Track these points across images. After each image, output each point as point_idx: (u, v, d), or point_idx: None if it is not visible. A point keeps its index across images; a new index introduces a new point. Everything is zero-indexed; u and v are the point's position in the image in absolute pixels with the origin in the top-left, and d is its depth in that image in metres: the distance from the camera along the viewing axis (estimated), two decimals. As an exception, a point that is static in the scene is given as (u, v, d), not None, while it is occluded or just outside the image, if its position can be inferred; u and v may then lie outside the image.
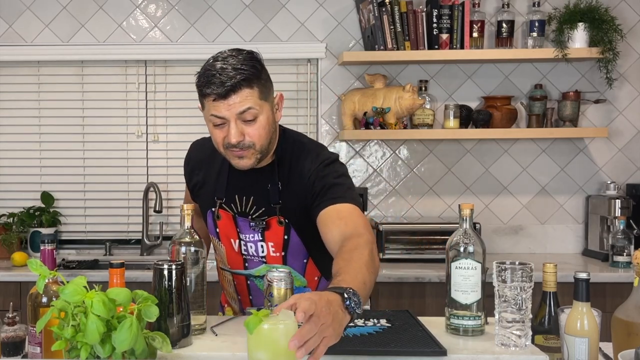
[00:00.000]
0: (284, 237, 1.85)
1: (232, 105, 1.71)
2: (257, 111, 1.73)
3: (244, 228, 1.86)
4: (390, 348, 1.54)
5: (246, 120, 1.73)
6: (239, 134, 1.73)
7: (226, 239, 1.90)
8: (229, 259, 1.92)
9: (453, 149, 3.63)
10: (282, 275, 1.67)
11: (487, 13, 3.55)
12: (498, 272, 1.57)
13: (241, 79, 1.71)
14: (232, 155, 1.78)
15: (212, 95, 1.73)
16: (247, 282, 1.91)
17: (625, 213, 3.35)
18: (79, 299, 1.34)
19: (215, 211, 1.88)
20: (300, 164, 1.84)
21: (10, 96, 3.70)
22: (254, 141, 1.74)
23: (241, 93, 1.71)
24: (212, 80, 1.73)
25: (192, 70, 3.61)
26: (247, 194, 1.86)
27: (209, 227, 1.93)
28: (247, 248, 1.87)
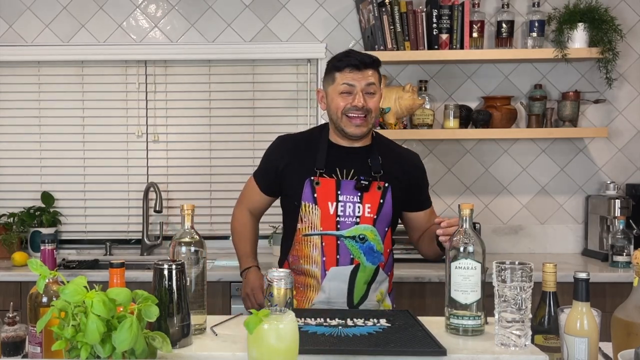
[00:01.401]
0: (380, 201, 2.21)
1: (364, 77, 2.18)
2: (377, 88, 2.21)
3: (346, 190, 2.20)
4: (390, 348, 1.54)
5: (369, 92, 2.19)
6: (363, 100, 2.18)
7: (324, 202, 2.20)
8: (323, 221, 2.20)
9: (453, 149, 3.63)
10: (282, 275, 1.68)
11: (487, 13, 3.55)
12: (498, 272, 1.57)
13: (372, 60, 2.21)
14: (350, 122, 2.20)
15: (350, 67, 2.18)
16: (337, 242, 2.19)
17: (625, 213, 3.35)
18: (79, 299, 1.34)
19: (314, 179, 2.21)
20: (400, 148, 2.39)
21: (10, 96, 3.70)
22: (372, 109, 2.20)
23: (370, 71, 2.19)
24: (351, 56, 2.20)
25: (192, 71, 3.67)
26: (348, 167, 2.24)
27: (304, 195, 2.21)
28: (345, 208, 2.19)
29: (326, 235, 2.19)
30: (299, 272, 2.24)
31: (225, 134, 3.69)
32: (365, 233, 2.18)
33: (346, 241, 2.17)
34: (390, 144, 2.37)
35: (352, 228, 2.17)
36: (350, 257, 2.17)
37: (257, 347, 1.33)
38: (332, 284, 2.18)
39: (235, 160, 3.68)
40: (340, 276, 2.17)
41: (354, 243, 2.17)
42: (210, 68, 3.68)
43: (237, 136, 3.69)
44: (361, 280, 2.18)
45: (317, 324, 1.73)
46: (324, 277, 2.18)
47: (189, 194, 3.67)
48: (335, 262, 2.18)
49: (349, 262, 2.17)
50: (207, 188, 3.70)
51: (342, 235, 2.17)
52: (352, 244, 2.17)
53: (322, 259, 2.19)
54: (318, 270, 2.20)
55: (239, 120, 3.69)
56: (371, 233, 2.18)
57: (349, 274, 2.17)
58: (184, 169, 3.71)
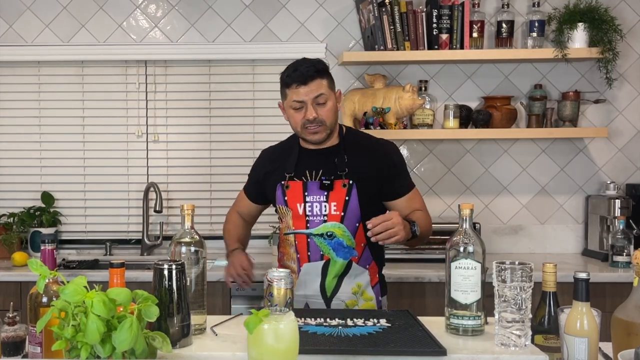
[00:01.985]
0: (345, 198, 2.29)
1: (310, 91, 2.24)
2: (326, 96, 2.27)
3: (313, 190, 2.30)
4: (390, 348, 1.54)
5: (319, 103, 2.26)
6: (314, 112, 2.25)
7: (293, 203, 2.31)
8: (294, 221, 2.32)
9: (453, 149, 3.63)
10: (282, 275, 1.68)
11: (487, 13, 3.55)
12: (498, 272, 1.57)
13: (315, 71, 2.26)
14: (308, 132, 2.29)
15: (294, 84, 2.25)
16: (307, 240, 2.30)
17: (625, 213, 3.35)
18: (79, 299, 1.34)
19: (284, 183, 2.33)
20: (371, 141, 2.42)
21: (10, 96, 3.70)
22: (324, 119, 2.27)
23: (315, 82, 2.25)
24: (294, 74, 2.26)
25: (192, 71, 3.67)
26: (317, 168, 2.33)
27: (278, 198, 2.34)
28: (312, 208, 2.30)
29: (298, 234, 2.32)
30: (285, 268, 2.34)
31: (225, 134, 3.69)
32: (333, 230, 2.28)
33: (315, 239, 2.29)
34: (362, 138, 2.44)
35: (320, 226, 2.28)
36: (320, 254, 2.29)
37: (256, 347, 1.34)
38: (306, 278, 2.31)
39: (235, 161, 3.67)
40: (312, 271, 2.30)
41: (322, 240, 2.28)
42: (210, 68, 3.68)
43: (237, 136, 3.69)
44: (331, 274, 2.29)
45: (317, 324, 1.73)
46: (299, 272, 2.32)
47: (189, 194, 3.67)
48: (307, 258, 2.31)
49: (319, 257, 2.29)
50: (207, 188, 3.70)
51: (311, 233, 2.29)
52: (320, 241, 2.28)
53: (296, 256, 2.33)
54: (295, 266, 2.34)
55: (239, 120, 3.69)
56: (339, 230, 2.27)
57: (320, 269, 2.29)
58: (184, 169, 3.71)
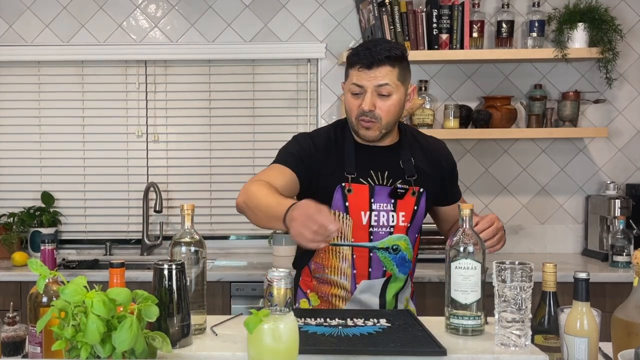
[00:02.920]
0: (414, 208, 2.05)
1: (374, 77, 1.93)
2: (392, 89, 1.95)
3: (380, 197, 2.01)
4: (390, 348, 1.54)
5: (381, 94, 1.94)
6: (372, 103, 1.94)
7: (356, 212, 2.01)
8: (355, 232, 2.01)
9: (453, 149, 3.57)
10: (282, 275, 1.68)
11: (487, 13, 3.55)
12: (498, 272, 1.57)
13: (386, 55, 1.92)
14: (361, 124, 1.98)
15: (358, 65, 1.94)
16: (369, 254, 2.03)
17: (625, 213, 3.35)
18: (79, 299, 1.34)
19: (346, 186, 2.00)
20: (430, 141, 2.18)
21: (10, 96, 3.70)
22: (382, 116, 1.96)
23: (383, 68, 1.93)
24: (363, 53, 1.94)
25: (192, 71, 3.67)
26: (382, 169, 2.04)
27: (335, 203, 2.00)
28: (379, 218, 2.01)
29: (358, 247, 2.02)
30: (323, 281, 2.09)
31: (225, 134, 3.69)
32: (399, 243, 2.03)
33: (379, 253, 2.02)
34: (418, 136, 2.17)
35: (385, 239, 2.02)
36: (382, 270, 2.03)
37: (256, 347, 1.33)
38: (364, 296, 2.04)
39: (235, 160, 3.68)
40: (372, 289, 2.04)
41: (387, 254, 2.02)
42: (210, 68, 3.68)
43: (237, 136, 3.69)
44: (392, 292, 2.07)
45: (317, 324, 1.73)
46: (355, 289, 2.04)
47: (189, 194, 3.67)
48: (367, 274, 2.03)
49: (382, 274, 2.04)
50: (207, 188, 3.70)
51: (376, 246, 2.02)
52: (385, 256, 2.02)
53: (352, 272, 2.03)
54: (348, 283, 2.04)
55: (239, 120, 3.69)
56: (404, 243, 2.04)
57: (380, 286, 2.04)
58: (184, 169, 3.71)
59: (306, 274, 2.14)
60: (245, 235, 3.70)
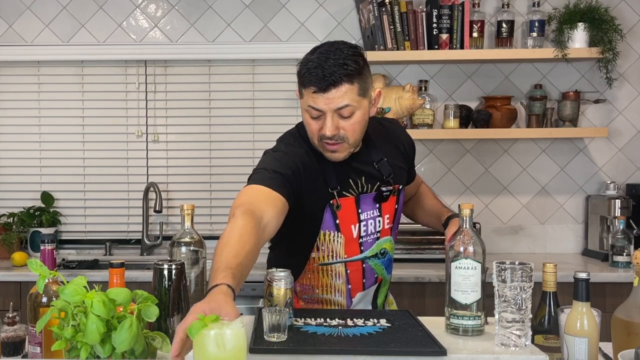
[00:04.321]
0: (395, 207, 1.97)
1: (331, 100, 1.73)
2: (354, 107, 1.76)
3: (366, 205, 1.90)
4: (390, 348, 1.54)
5: (343, 116, 1.76)
6: (334, 127, 1.76)
7: (347, 227, 1.89)
8: (347, 248, 1.91)
9: (453, 149, 3.63)
10: (282, 275, 1.68)
11: (487, 13, 3.55)
12: (498, 272, 1.57)
13: (343, 74, 1.72)
14: (325, 147, 1.81)
15: (312, 87, 1.74)
16: (362, 265, 1.94)
17: (625, 213, 3.35)
18: (79, 299, 1.34)
19: (334, 203, 1.86)
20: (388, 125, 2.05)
21: (10, 96, 3.70)
22: (348, 136, 1.79)
23: (341, 88, 1.73)
24: (315, 72, 1.74)
25: (192, 71, 3.66)
26: (359, 175, 1.91)
27: (325, 223, 1.86)
28: (367, 227, 1.92)
29: (350, 261, 1.92)
30: (313, 301, 1.98)
31: (225, 134, 3.69)
32: (385, 246, 1.97)
33: (370, 261, 1.95)
34: (376, 125, 2.00)
35: (373, 246, 1.94)
36: (374, 277, 1.97)
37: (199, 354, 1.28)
38: (358, 307, 1.98)
39: (235, 160, 3.68)
40: (364, 298, 1.99)
41: (377, 261, 1.95)
42: (210, 68, 3.68)
43: (237, 136, 3.68)
44: (382, 295, 2.04)
45: (317, 324, 1.72)
46: (350, 304, 1.96)
47: (189, 194, 3.67)
48: (361, 286, 1.96)
49: (374, 281, 1.97)
50: (207, 188, 3.70)
51: (366, 256, 1.94)
52: (375, 263, 1.96)
53: (347, 287, 1.94)
54: (343, 299, 1.95)
55: (239, 120, 3.69)
56: (389, 244, 1.99)
57: (372, 293, 2.00)
58: (184, 169, 3.71)
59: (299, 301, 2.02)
60: (245, 235, 3.69)
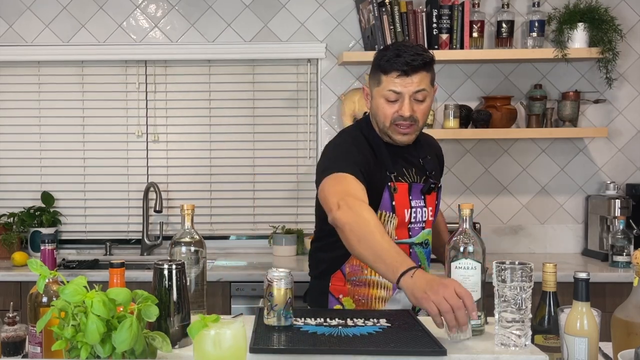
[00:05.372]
0: (436, 202, 2.13)
1: (411, 84, 1.95)
2: (427, 93, 2.00)
3: (415, 194, 2.05)
4: (390, 348, 1.54)
5: (417, 99, 1.98)
6: (411, 109, 1.97)
7: (401, 210, 2.03)
8: (398, 231, 2.04)
9: (453, 149, 3.63)
10: (282, 275, 1.68)
11: (487, 13, 3.55)
12: (498, 272, 1.57)
13: (422, 61, 1.95)
14: (397, 130, 2.00)
15: (395, 72, 1.95)
16: (410, 250, 2.05)
17: (625, 213, 3.35)
18: (79, 299, 1.34)
19: (392, 185, 2.01)
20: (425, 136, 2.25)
21: (10, 96, 3.70)
22: (419, 119, 2.00)
23: (419, 74, 1.96)
24: (397, 60, 1.94)
25: (192, 71, 3.67)
26: (410, 167, 2.09)
27: (383, 203, 2.00)
28: (417, 214, 2.06)
29: (400, 243, 1.97)
30: (360, 284, 2.06)
31: (225, 134, 3.69)
32: (429, 237, 2.11)
33: (416, 248, 2.06)
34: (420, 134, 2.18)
35: (420, 234, 2.07)
36: (419, 265, 1.96)
37: (198, 353, 1.31)
38: (402, 294, 1.95)
39: (235, 160, 3.68)
40: None
41: (421, 249, 2.07)
42: (210, 68, 3.68)
43: (237, 136, 3.68)
44: None
45: (317, 324, 1.73)
46: (396, 288, 2.00)
47: (189, 194, 3.67)
48: None
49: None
50: (207, 188, 3.70)
51: (414, 242, 2.06)
52: (420, 251, 2.07)
53: None
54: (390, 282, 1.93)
55: (239, 120, 3.69)
56: (430, 237, 2.12)
57: None
58: (184, 169, 3.71)
59: (338, 279, 2.09)
60: (245, 235, 3.70)
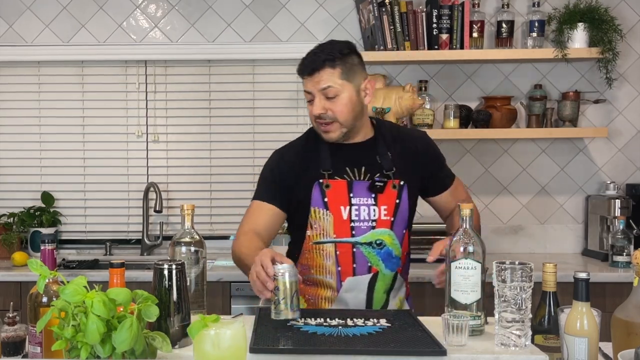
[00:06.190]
0: (396, 201, 2.06)
1: (316, 82, 2.00)
2: (337, 89, 2.00)
3: (359, 191, 2.04)
4: (390, 348, 1.54)
5: (328, 96, 2.00)
6: (320, 107, 2.00)
7: (335, 206, 2.04)
8: (336, 227, 2.03)
9: (453, 149, 3.62)
10: (286, 268, 1.68)
11: (487, 13, 3.55)
12: (498, 272, 1.57)
13: (323, 59, 2.00)
14: (320, 128, 2.04)
15: (302, 73, 2.04)
16: (352, 249, 2.04)
17: (625, 213, 3.35)
18: (79, 299, 1.34)
19: (323, 182, 2.04)
20: (404, 132, 2.23)
21: (10, 96, 3.70)
22: (337, 116, 2.00)
23: (323, 72, 2.00)
24: (304, 61, 2.05)
25: (192, 71, 3.67)
26: (358, 165, 2.07)
27: (314, 199, 2.04)
28: (359, 212, 2.03)
29: (340, 242, 2.02)
30: (310, 283, 2.09)
31: (225, 134, 3.69)
32: (383, 238, 2.03)
33: (362, 248, 2.03)
34: (394, 129, 2.19)
35: (368, 233, 2.02)
36: (367, 265, 2.03)
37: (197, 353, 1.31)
38: (350, 295, 2.03)
39: (235, 160, 3.68)
40: (358, 286, 2.03)
41: (370, 250, 2.02)
42: (210, 68, 3.68)
43: (237, 136, 3.68)
44: (380, 289, 2.05)
45: (317, 324, 1.73)
46: (340, 288, 2.03)
47: (189, 194, 3.67)
48: (351, 271, 2.03)
49: (367, 270, 2.02)
50: (207, 188, 3.70)
51: (358, 242, 2.02)
52: (368, 251, 2.03)
53: (337, 269, 2.03)
54: (333, 281, 2.04)
55: (239, 120, 3.69)
56: (389, 237, 2.04)
57: (367, 283, 2.03)
58: (184, 169, 3.71)
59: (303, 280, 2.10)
60: (245, 235, 3.69)
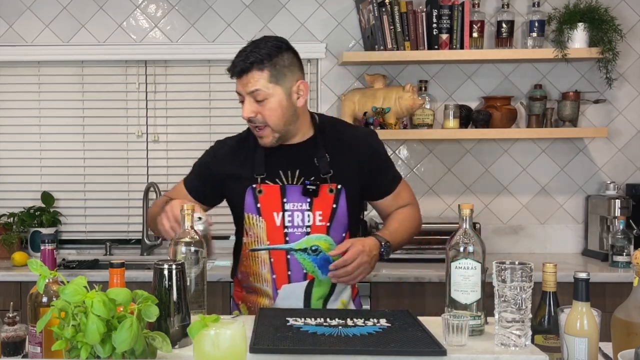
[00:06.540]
0: (333, 206, 1.97)
1: (245, 85, 1.92)
2: (266, 93, 1.91)
3: (292, 196, 1.96)
4: (390, 348, 1.54)
5: (257, 100, 1.92)
6: (249, 110, 1.93)
7: (268, 213, 1.97)
8: (269, 234, 1.97)
9: (453, 149, 3.63)
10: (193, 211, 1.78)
11: (487, 13, 3.55)
12: (498, 272, 1.57)
13: (251, 61, 1.90)
14: (254, 132, 1.98)
15: (232, 75, 1.95)
16: (287, 256, 1.97)
17: (625, 213, 3.35)
18: (79, 299, 1.34)
19: (256, 187, 1.97)
20: (348, 131, 2.08)
21: (10, 96, 3.70)
22: (266, 120, 1.93)
23: (251, 74, 1.91)
24: (233, 62, 1.95)
25: (192, 71, 3.67)
26: (292, 168, 1.99)
27: (247, 206, 1.98)
28: (293, 218, 1.96)
29: (274, 249, 1.96)
30: (250, 290, 2.06)
31: (225, 134, 3.66)
32: (318, 243, 1.95)
33: (297, 254, 1.96)
34: (337, 127, 2.08)
35: (302, 240, 1.95)
36: (303, 272, 1.96)
37: (197, 353, 1.31)
38: (286, 302, 1.97)
39: (235, 160, 3.67)
40: (293, 294, 1.97)
41: (305, 256, 1.95)
42: (210, 68, 3.68)
43: (237, 136, 3.68)
44: (316, 296, 1.99)
45: (317, 324, 1.73)
46: (277, 296, 1.98)
47: (189, 194, 3.66)
48: (286, 278, 1.97)
49: (302, 277, 1.97)
50: (207, 188, 3.70)
51: (292, 248, 1.96)
52: (303, 258, 1.95)
53: (272, 277, 1.98)
54: (269, 289, 1.99)
55: (239, 121, 3.66)
56: (325, 243, 1.96)
57: (303, 290, 1.98)
58: (184, 169, 3.66)
59: (237, 284, 2.13)
60: (245, 235, 3.69)
